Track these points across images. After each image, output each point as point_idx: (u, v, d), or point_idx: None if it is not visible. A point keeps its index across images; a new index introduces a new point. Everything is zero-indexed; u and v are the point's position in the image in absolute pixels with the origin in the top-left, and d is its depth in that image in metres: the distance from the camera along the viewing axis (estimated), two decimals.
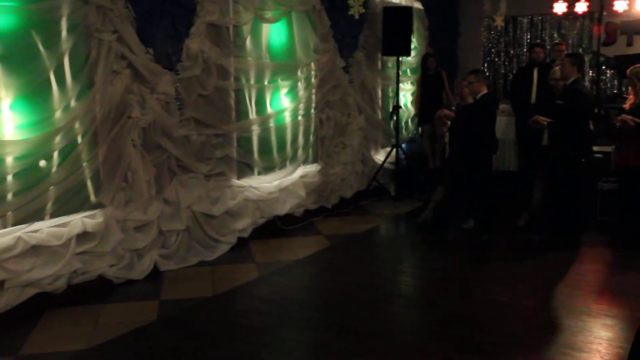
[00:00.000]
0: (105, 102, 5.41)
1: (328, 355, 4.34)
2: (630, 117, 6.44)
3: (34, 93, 4.94)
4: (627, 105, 6.71)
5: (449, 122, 7.12)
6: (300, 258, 6.45)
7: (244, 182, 6.96)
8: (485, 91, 7.02)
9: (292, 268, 6.14)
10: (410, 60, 9.77)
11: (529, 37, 11.21)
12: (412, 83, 10.20)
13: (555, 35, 10.93)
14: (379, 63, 9.47)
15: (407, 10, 8.83)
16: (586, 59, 9.84)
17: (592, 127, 6.97)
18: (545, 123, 6.53)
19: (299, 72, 7.63)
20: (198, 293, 5.47)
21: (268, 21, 7.02)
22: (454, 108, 7.51)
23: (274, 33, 7.27)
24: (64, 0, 5.05)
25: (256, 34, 7.02)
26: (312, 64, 7.79)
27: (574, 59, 6.63)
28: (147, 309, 5.12)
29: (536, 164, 7.39)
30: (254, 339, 4.60)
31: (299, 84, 7.65)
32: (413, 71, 10.13)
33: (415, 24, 9.68)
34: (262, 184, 7.17)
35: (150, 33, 5.74)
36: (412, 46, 9.24)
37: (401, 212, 8.43)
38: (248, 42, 6.87)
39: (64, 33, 5.11)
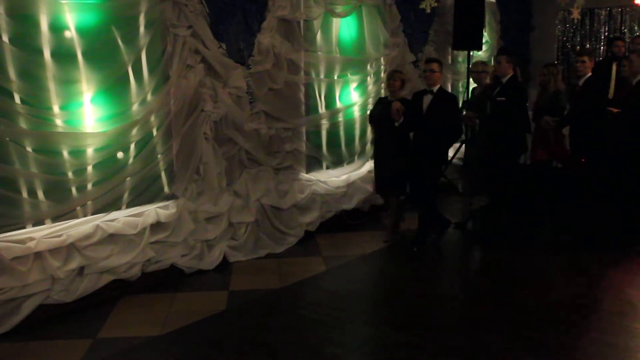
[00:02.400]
0: (179, 95, 5.55)
1: (393, 350, 4.32)
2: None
3: (113, 87, 5.11)
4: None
5: (402, 117, 6.33)
6: (368, 253, 6.44)
7: (312, 176, 7.00)
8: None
9: (359, 262, 6.13)
10: (481, 54, 9.56)
11: (606, 30, 10.78)
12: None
13: (636, 28, 10.47)
14: (449, 57, 9.33)
15: (479, 3, 8.63)
16: None
17: None
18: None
19: (368, 67, 7.60)
20: (266, 285, 5.55)
21: (338, 15, 7.02)
22: None
23: (344, 27, 7.26)
24: None
25: (326, 29, 7.03)
26: (382, 59, 7.74)
27: None
28: (216, 299, 5.24)
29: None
30: (319, 332, 4.64)
31: (369, 78, 7.61)
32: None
33: (487, 17, 9.46)
34: (330, 178, 7.19)
35: (223, 28, 5.84)
36: (484, 40, 9.03)
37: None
38: (318, 36, 6.89)
39: (141, 29, 5.26)
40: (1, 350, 4.31)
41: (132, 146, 5.29)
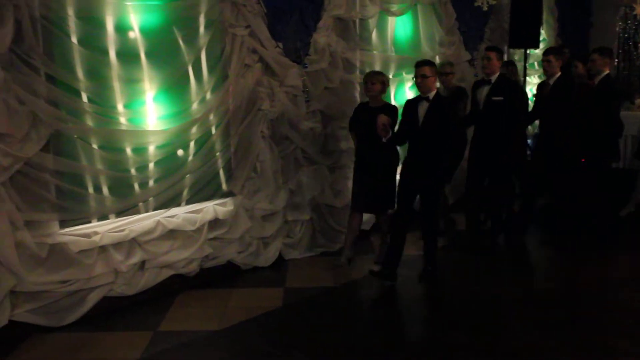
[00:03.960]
0: (237, 94, 5.64)
1: (446, 351, 4.29)
2: None
3: (174, 86, 5.23)
4: None
5: (390, 132, 5.43)
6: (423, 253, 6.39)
7: None
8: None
9: (415, 262, 6.09)
10: (538, 52, 9.37)
11: None
12: (539, 76, 9.80)
13: None
14: (506, 56, 9.16)
15: (537, 0, 8.48)
16: None
17: None
18: None
19: None
20: (320, 282, 5.58)
21: (394, 14, 7.01)
22: None
23: (400, 26, 7.24)
24: None
25: (382, 27, 7.03)
26: (437, 57, 7.68)
27: None
28: (272, 296, 5.30)
29: None
30: (372, 331, 4.65)
31: None
32: (541, 64, 9.70)
33: (545, 15, 9.28)
34: None
35: (280, 28, 5.91)
36: (541, 38, 8.86)
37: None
38: (374, 35, 6.90)
39: (201, 29, 5.36)
40: (68, 339, 4.47)
41: (192, 144, 5.40)
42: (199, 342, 4.45)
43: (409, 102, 5.66)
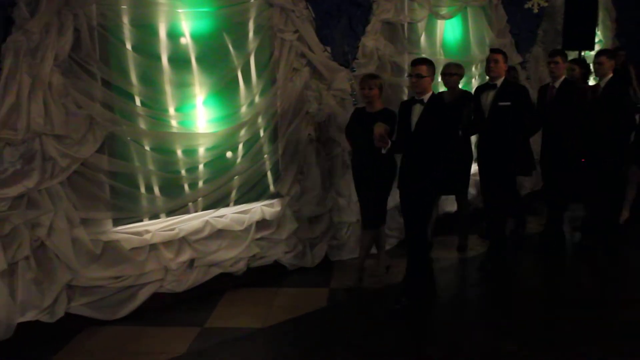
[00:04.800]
0: (285, 98, 5.75)
1: (502, 357, 4.27)
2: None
3: (224, 90, 5.38)
4: None
5: (389, 142, 4.90)
6: (470, 256, 6.36)
7: None
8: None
9: (461, 265, 6.05)
10: (594, 54, 9.16)
11: None
12: (594, 79, 9.56)
13: None
14: None
15: (592, 1, 8.30)
16: None
17: None
18: None
19: (473, 69, 7.51)
20: (366, 284, 5.61)
21: (443, 17, 7.00)
22: None
23: (449, 29, 7.23)
24: (252, 3, 5.45)
25: (431, 30, 7.03)
26: None
27: None
28: (317, 296, 5.38)
29: None
30: (416, 333, 4.67)
31: (474, 80, 7.52)
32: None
33: (601, 15, 9.07)
34: None
35: (328, 32, 6.00)
36: (596, 39, 8.67)
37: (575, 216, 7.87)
38: (422, 38, 6.91)
39: (250, 34, 5.50)
40: (120, 332, 4.68)
41: (241, 146, 5.54)
42: (243, 339, 4.57)
43: (402, 104, 5.16)
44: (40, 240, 4.41)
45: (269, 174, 5.86)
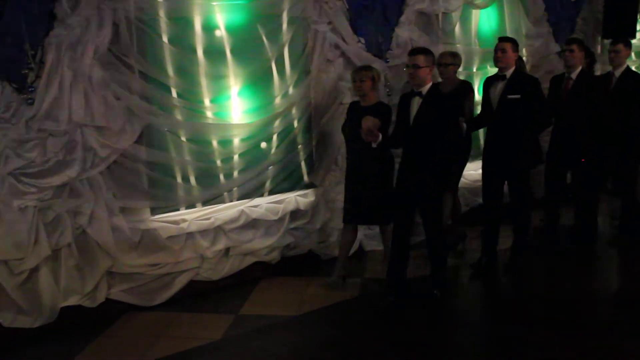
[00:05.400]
0: (319, 89, 5.80)
1: (518, 348, 4.25)
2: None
3: (258, 81, 5.45)
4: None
5: (380, 136, 4.76)
6: (502, 248, 6.28)
7: None
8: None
9: (500, 256, 5.98)
10: (636, 42, 8.95)
11: None
12: (636, 67, 9.35)
13: None
14: (599, 47, 8.82)
15: None
16: None
17: None
18: None
19: None
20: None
21: (478, 7, 6.95)
22: None
23: (484, 18, 7.16)
24: None
25: (465, 20, 6.99)
26: (524, 50, 7.53)
27: None
28: (350, 286, 5.41)
29: None
30: (449, 326, 4.70)
31: None
32: (638, 55, 9.28)
33: None
34: (468, 171, 7.10)
35: (362, 23, 6.03)
36: (638, 27, 8.47)
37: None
38: (457, 28, 6.87)
39: (284, 26, 5.56)
40: (157, 318, 4.82)
41: (275, 137, 5.62)
42: (277, 326, 4.65)
43: (402, 97, 4.98)
44: (82, 227, 4.57)
45: (303, 164, 5.92)
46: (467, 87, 6.02)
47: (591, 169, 6.01)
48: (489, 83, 5.65)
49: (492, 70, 7.06)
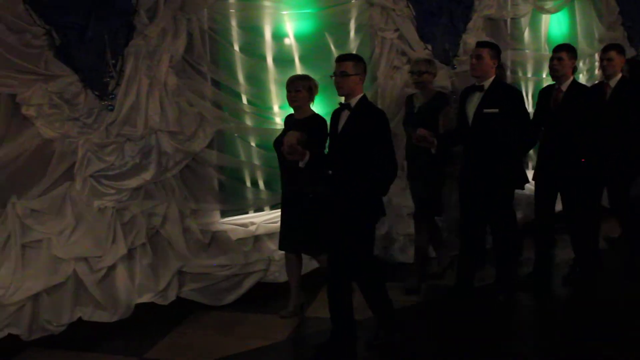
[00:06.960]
0: (386, 95, 5.86)
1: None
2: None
3: (326, 88, 5.52)
4: None
5: (307, 154, 4.02)
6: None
7: None
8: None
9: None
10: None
11: None
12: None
13: None
14: None
15: None
16: None
17: None
18: None
19: (580, 64, 7.26)
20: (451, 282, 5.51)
21: (548, 12, 6.85)
22: None
23: (554, 23, 7.04)
24: (353, 4, 5.60)
25: (535, 25, 6.90)
26: (596, 55, 7.34)
27: None
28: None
29: None
30: (499, 336, 4.62)
31: (580, 76, 7.29)
32: None
33: None
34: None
35: (429, 30, 6.04)
36: None
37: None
38: (526, 34, 6.79)
39: (351, 33, 5.66)
40: (225, 317, 4.97)
41: None
42: None
43: (335, 111, 4.21)
44: (156, 228, 4.79)
45: None
46: (444, 98, 5.32)
47: (590, 174, 5.13)
48: (465, 94, 4.93)
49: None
